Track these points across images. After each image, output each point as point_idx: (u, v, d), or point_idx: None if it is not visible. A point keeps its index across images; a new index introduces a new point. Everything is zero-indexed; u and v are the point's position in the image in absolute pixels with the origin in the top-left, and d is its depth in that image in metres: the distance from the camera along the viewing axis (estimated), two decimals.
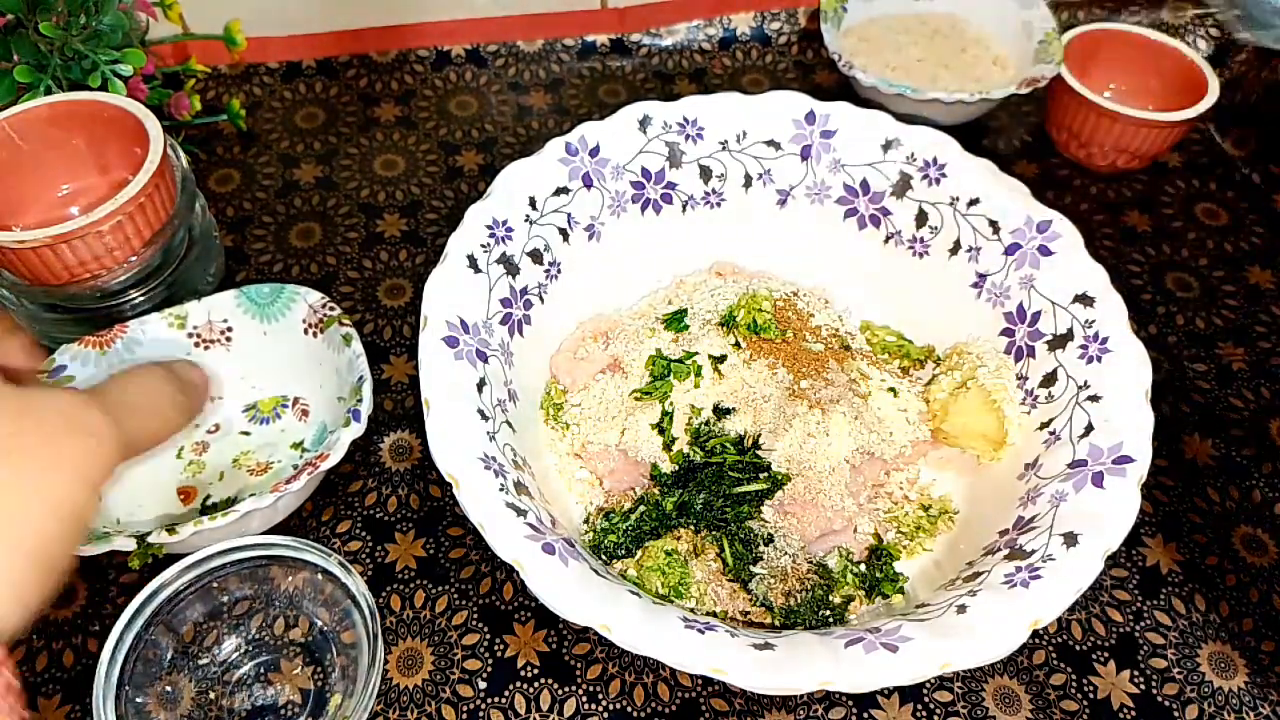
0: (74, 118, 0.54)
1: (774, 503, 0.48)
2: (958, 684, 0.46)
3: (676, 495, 0.48)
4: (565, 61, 0.76)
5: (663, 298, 0.56)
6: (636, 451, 0.50)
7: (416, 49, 0.75)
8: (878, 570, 0.46)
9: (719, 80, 0.76)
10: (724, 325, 0.52)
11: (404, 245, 0.64)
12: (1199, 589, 0.49)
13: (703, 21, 0.77)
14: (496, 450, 0.43)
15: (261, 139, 0.70)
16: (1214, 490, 0.53)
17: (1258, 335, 0.60)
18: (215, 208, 0.65)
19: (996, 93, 0.65)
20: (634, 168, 0.53)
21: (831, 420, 0.48)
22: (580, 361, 0.53)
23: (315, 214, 0.66)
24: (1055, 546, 0.40)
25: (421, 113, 0.72)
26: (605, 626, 0.37)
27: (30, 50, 0.56)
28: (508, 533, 0.39)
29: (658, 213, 0.55)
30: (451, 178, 0.68)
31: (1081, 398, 0.45)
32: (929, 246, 0.54)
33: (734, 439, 0.49)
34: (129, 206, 0.50)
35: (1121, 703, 0.46)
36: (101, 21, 0.57)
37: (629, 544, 0.46)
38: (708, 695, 0.46)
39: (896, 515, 0.49)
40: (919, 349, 0.54)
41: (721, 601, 0.45)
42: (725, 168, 0.55)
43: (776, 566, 0.46)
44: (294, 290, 0.52)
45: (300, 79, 0.74)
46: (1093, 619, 0.48)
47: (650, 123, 0.53)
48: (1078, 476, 0.42)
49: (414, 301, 0.61)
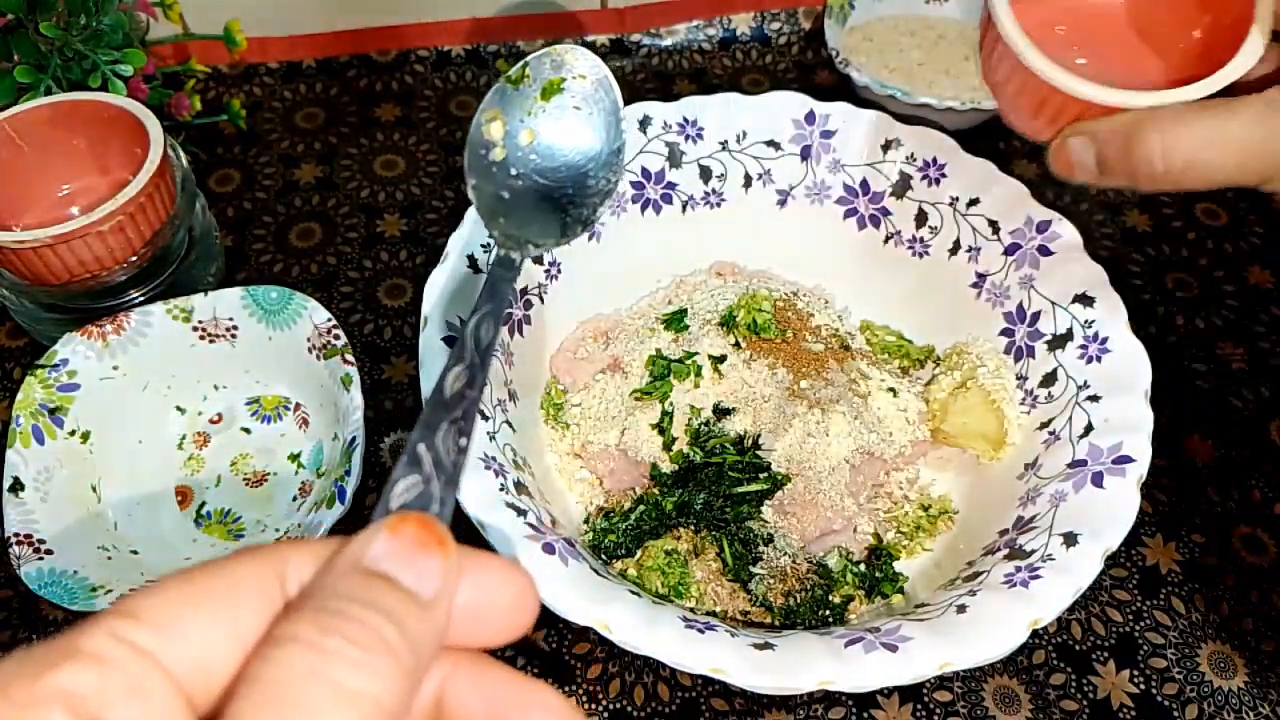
0: (74, 118, 0.54)
1: (774, 503, 0.48)
2: (958, 684, 0.46)
3: (676, 495, 0.48)
4: None
5: (663, 298, 0.56)
6: (636, 451, 0.50)
7: (416, 49, 0.75)
8: (877, 570, 0.47)
9: (719, 80, 0.76)
10: (724, 325, 0.52)
11: (404, 245, 0.64)
12: (1199, 589, 0.49)
13: (703, 21, 0.77)
14: (496, 450, 0.43)
15: (261, 139, 0.70)
16: (1214, 490, 0.53)
17: (1258, 335, 0.60)
18: (215, 208, 0.65)
19: (987, 104, 0.65)
20: (634, 168, 0.53)
21: (831, 420, 0.48)
22: (580, 361, 0.53)
23: (315, 214, 0.66)
24: (1055, 546, 0.40)
25: (421, 113, 0.72)
26: (605, 626, 0.37)
27: (30, 50, 0.56)
28: (508, 533, 0.39)
29: (658, 213, 0.55)
30: (451, 178, 0.68)
31: (1081, 398, 0.45)
32: (929, 246, 0.54)
33: (734, 439, 0.49)
34: (129, 207, 0.50)
35: (1121, 703, 0.46)
36: (102, 21, 0.57)
37: (629, 544, 0.46)
38: (708, 695, 0.46)
39: (896, 515, 0.49)
40: (919, 349, 0.54)
41: (721, 601, 0.45)
42: (725, 168, 0.55)
43: (776, 566, 0.46)
44: (302, 302, 0.51)
45: (300, 79, 0.74)
46: (1093, 619, 0.48)
47: (650, 123, 0.53)
48: (1077, 476, 0.42)
49: (414, 301, 0.61)
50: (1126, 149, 0.35)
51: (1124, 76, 0.39)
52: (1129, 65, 0.42)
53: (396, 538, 0.20)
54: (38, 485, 0.47)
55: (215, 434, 0.53)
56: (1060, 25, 0.43)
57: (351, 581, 0.19)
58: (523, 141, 0.37)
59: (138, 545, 0.49)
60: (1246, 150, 0.32)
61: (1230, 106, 0.33)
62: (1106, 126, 0.36)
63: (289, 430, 0.54)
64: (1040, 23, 0.41)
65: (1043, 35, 0.39)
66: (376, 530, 0.20)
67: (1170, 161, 0.34)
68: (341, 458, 0.47)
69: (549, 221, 0.37)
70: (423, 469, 0.22)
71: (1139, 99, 0.36)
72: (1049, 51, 0.38)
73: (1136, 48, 0.42)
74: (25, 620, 0.48)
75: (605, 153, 0.38)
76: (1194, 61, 0.39)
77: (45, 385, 0.49)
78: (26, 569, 0.43)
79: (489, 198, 0.37)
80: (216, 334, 0.52)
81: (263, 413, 0.54)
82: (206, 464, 0.53)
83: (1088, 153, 0.37)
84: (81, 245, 0.49)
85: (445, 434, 0.23)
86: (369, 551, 0.20)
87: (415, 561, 0.20)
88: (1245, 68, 0.36)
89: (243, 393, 0.54)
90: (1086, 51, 0.42)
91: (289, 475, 0.52)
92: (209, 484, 0.52)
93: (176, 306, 0.51)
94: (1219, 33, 0.39)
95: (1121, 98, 0.36)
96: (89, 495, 0.49)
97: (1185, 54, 0.40)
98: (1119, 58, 0.42)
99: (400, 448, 0.54)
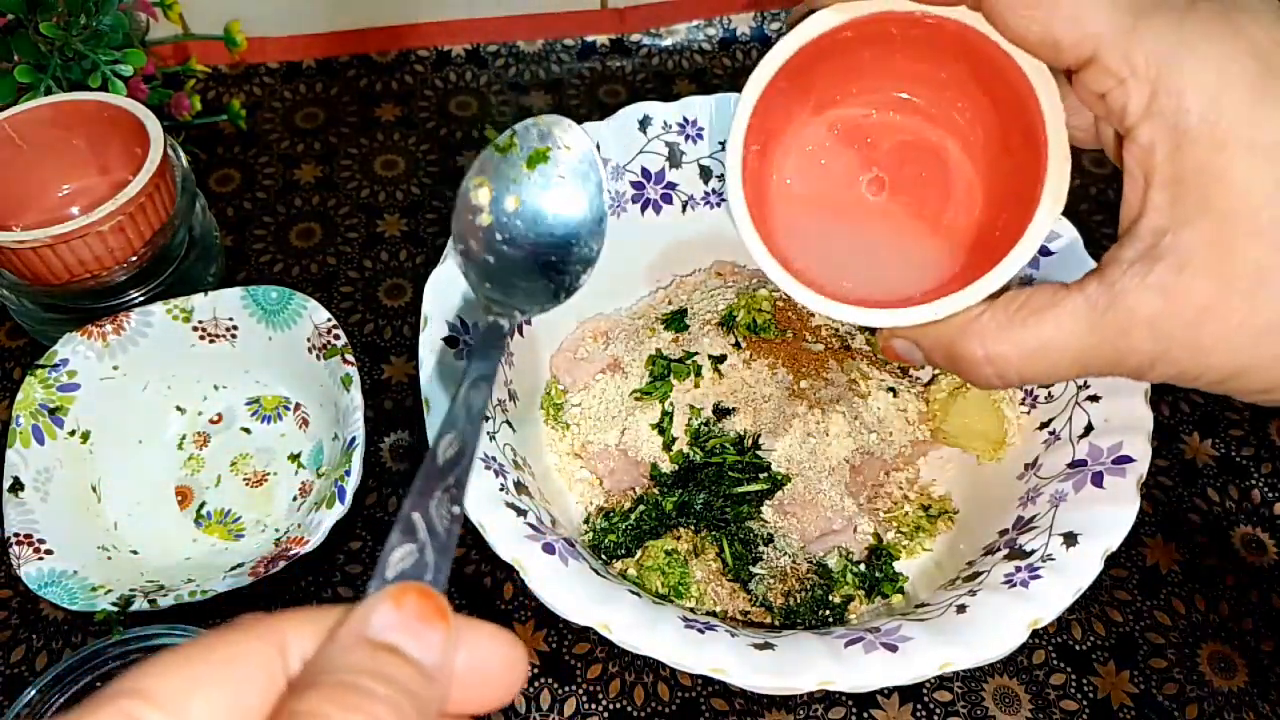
0: (74, 118, 0.54)
1: (774, 503, 0.48)
2: (958, 684, 0.46)
3: (676, 495, 0.48)
4: (565, 62, 0.76)
5: (663, 298, 0.56)
6: (636, 451, 0.50)
7: (416, 49, 0.75)
8: (877, 570, 0.47)
9: (719, 80, 0.76)
10: (724, 325, 0.52)
11: (404, 245, 0.64)
12: (1199, 589, 0.49)
13: (703, 21, 0.77)
14: (496, 450, 0.43)
15: (261, 139, 0.70)
16: (1214, 490, 0.53)
17: None
18: (215, 208, 0.65)
19: None
20: (634, 168, 0.53)
21: (831, 420, 0.48)
22: (580, 361, 0.53)
23: (315, 214, 0.66)
24: (1055, 546, 0.40)
25: (421, 113, 0.72)
26: (605, 626, 0.37)
27: (30, 50, 0.56)
28: (508, 533, 0.39)
29: (658, 213, 0.55)
30: (451, 178, 0.68)
31: (1081, 398, 0.45)
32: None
33: (734, 439, 0.49)
34: (129, 207, 0.50)
35: (1121, 703, 0.46)
36: (102, 21, 0.57)
37: (629, 544, 0.46)
38: (708, 695, 0.46)
39: (896, 515, 0.49)
40: None
41: (721, 601, 0.45)
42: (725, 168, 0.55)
43: (776, 566, 0.46)
44: (302, 302, 0.51)
45: (300, 79, 0.74)
46: (1093, 619, 0.48)
47: (650, 123, 0.53)
48: (1077, 476, 0.42)
49: (414, 301, 0.61)
50: (952, 358, 0.32)
51: (894, 270, 0.35)
52: (892, 257, 0.36)
53: (400, 609, 0.20)
54: (38, 485, 0.47)
55: (215, 434, 0.53)
56: (820, 230, 0.37)
57: (360, 654, 0.19)
58: (508, 207, 0.38)
59: (138, 545, 0.49)
60: (1082, 360, 0.30)
61: (1054, 318, 0.29)
62: (925, 338, 0.33)
63: (289, 430, 0.54)
64: (796, 228, 0.36)
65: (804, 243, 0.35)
66: (379, 601, 0.20)
67: (1004, 372, 0.31)
68: (341, 458, 0.47)
69: (535, 287, 0.38)
70: (417, 537, 0.22)
71: (907, 317, 0.32)
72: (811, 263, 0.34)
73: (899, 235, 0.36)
74: (25, 620, 0.48)
75: (589, 222, 0.38)
76: (967, 232, 0.35)
77: (45, 385, 0.49)
78: (26, 569, 0.43)
79: (478, 262, 0.38)
80: (216, 334, 0.52)
81: (263, 413, 0.54)
82: (206, 464, 0.53)
83: (915, 353, 0.34)
84: (81, 245, 0.49)
85: (439, 502, 0.24)
86: (373, 622, 0.20)
87: (420, 633, 0.20)
88: (1029, 255, 0.31)
89: (243, 393, 0.54)
90: (846, 242, 0.37)
91: (289, 475, 0.52)
92: (209, 484, 0.52)
93: (176, 306, 0.51)
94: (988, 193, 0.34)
95: (886, 318, 0.33)
96: (89, 495, 0.49)
97: (964, 230, 0.35)
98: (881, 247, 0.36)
99: (400, 448, 0.54)
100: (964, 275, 0.33)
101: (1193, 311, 0.27)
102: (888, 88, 0.35)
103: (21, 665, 0.46)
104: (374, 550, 0.50)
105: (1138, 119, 0.28)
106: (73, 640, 0.47)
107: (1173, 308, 0.27)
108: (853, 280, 0.35)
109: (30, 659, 0.47)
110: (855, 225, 0.37)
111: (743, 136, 0.35)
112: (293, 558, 0.44)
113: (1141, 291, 0.28)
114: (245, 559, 0.46)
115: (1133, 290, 0.28)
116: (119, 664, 0.43)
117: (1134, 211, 0.29)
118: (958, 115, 0.35)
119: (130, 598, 0.43)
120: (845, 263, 0.36)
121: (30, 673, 0.46)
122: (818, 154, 0.37)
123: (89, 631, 0.47)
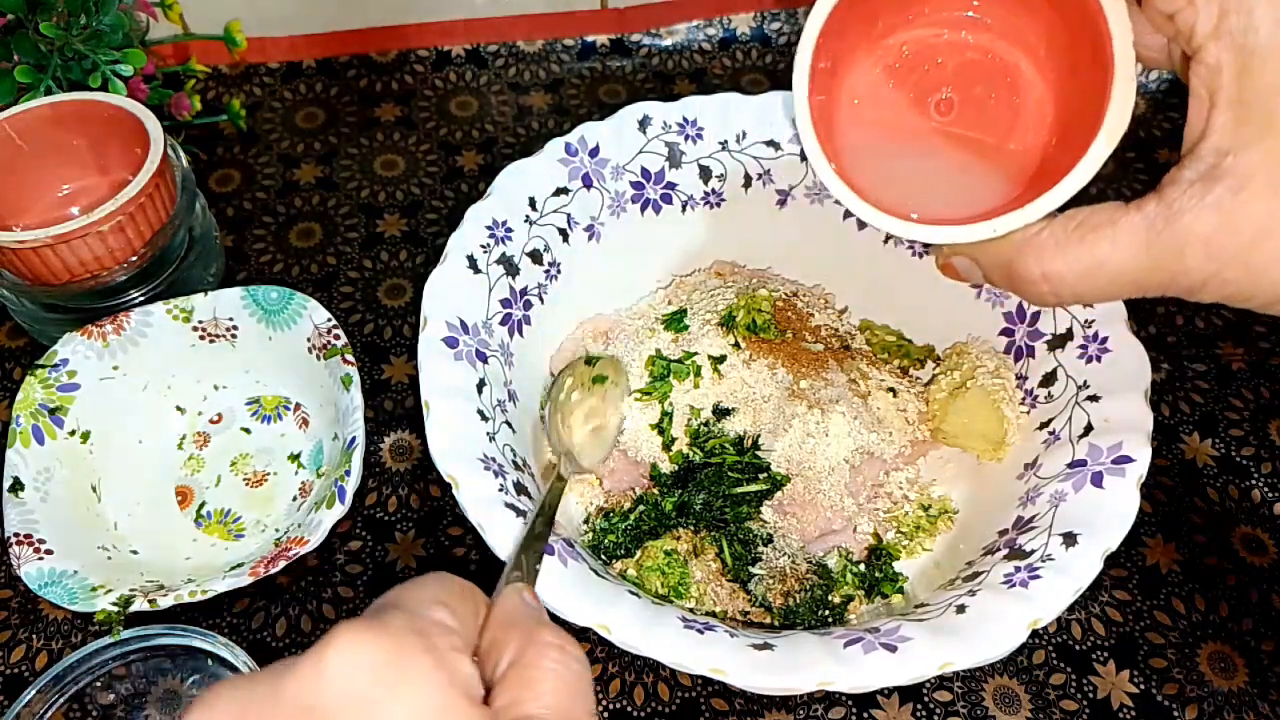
0: (74, 118, 0.54)
1: (773, 503, 0.48)
2: (958, 684, 0.46)
3: (676, 495, 0.48)
4: (565, 62, 0.76)
5: (662, 298, 0.56)
6: (636, 451, 0.50)
7: (416, 49, 0.75)
8: (877, 570, 0.47)
9: (719, 80, 0.76)
10: (724, 325, 0.52)
11: (404, 245, 0.64)
12: (1199, 589, 0.49)
13: (703, 21, 0.77)
14: (496, 451, 0.43)
15: (261, 139, 0.70)
16: (1214, 490, 0.53)
17: (1258, 335, 0.60)
18: (215, 208, 0.65)
19: None
20: (634, 168, 0.53)
21: (831, 420, 0.48)
22: None
23: (315, 214, 0.66)
24: (1055, 546, 0.40)
25: (421, 113, 0.72)
26: (604, 627, 0.37)
27: (30, 50, 0.56)
28: (508, 533, 0.39)
29: (658, 213, 0.55)
30: (451, 178, 0.68)
31: (1081, 398, 0.45)
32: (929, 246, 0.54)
33: (733, 439, 0.49)
34: (129, 207, 0.50)
35: (1121, 703, 0.46)
36: (102, 21, 0.57)
37: (628, 544, 0.46)
38: (708, 695, 0.46)
39: (896, 515, 0.49)
40: (919, 349, 0.54)
41: (721, 602, 0.45)
42: (725, 168, 0.55)
43: (776, 567, 0.46)
44: (302, 301, 0.51)
45: (300, 79, 0.74)
46: (1092, 619, 0.48)
47: (650, 123, 0.53)
48: (1077, 476, 0.42)
49: (414, 301, 0.61)
50: (1010, 277, 0.33)
51: (957, 191, 0.35)
52: (961, 175, 0.37)
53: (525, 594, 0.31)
54: (38, 485, 0.47)
55: (215, 434, 0.53)
56: (889, 140, 0.37)
57: (529, 609, 0.30)
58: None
59: (138, 545, 0.49)
60: (1136, 279, 0.30)
61: (1111, 236, 0.30)
62: (985, 255, 0.34)
63: (289, 430, 0.54)
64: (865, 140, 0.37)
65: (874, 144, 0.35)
66: (516, 588, 0.31)
67: (1058, 290, 0.32)
68: (341, 458, 0.47)
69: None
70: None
71: (968, 233, 0.32)
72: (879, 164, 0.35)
73: (968, 153, 0.37)
74: (25, 620, 0.48)
75: None
76: (1032, 148, 0.35)
77: (45, 385, 0.49)
78: (26, 569, 0.43)
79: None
80: (216, 334, 0.52)
81: (263, 413, 0.54)
82: (206, 464, 0.53)
83: (975, 271, 0.35)
84: (81, 245, 0.49)
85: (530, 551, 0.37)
86: (524, 594, 0.31)
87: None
88: (1091, 174, 0.31)
89: (243, 393, 0.54)
90: (916, 164, 0.37)
91: (289, 475, 0.52)
92: (209, 484, 0.52)
93: (176, 306, 0.51)
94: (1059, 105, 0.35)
95: (948, 234, 0.33)
96: (89, 495, 0.49)
97: (1024, 152, 0.36)
98: (948, 170, 0.37)
99: (400, 447, 0.54)
100: (1025, 195, 0.33)
101: (1250, 232, 0.27)
102: (958, 6, 0.36)
103: (21, 665, 0.46)
104: (374, 550, 0.50)
105: (1205, 38, 0.28)
106: (73, 640, 0.47)
107: (1229, 228, 0.28)
108: (915, 199, 0.36)
109: (30, 659, 0.47)
110: (921, 145, 0.37)
111: (810, 55, 0.35)
112: (293, 558, 0.44)
113: (1199, 211, 0.28)
114: (245, 559, 0.46)
115: (1190, 210, 0.28)
116: (119, 664, 0.43)
117: (1197, 133, 0.29)
118: (1029, 34, 0.35)
119: (130, 598, 0.43)
120: (908, 182, 0.36)
121: (30, 673, 0.46)
122: (888, 75, 0.37)
123: (89, 631, 0.47)
